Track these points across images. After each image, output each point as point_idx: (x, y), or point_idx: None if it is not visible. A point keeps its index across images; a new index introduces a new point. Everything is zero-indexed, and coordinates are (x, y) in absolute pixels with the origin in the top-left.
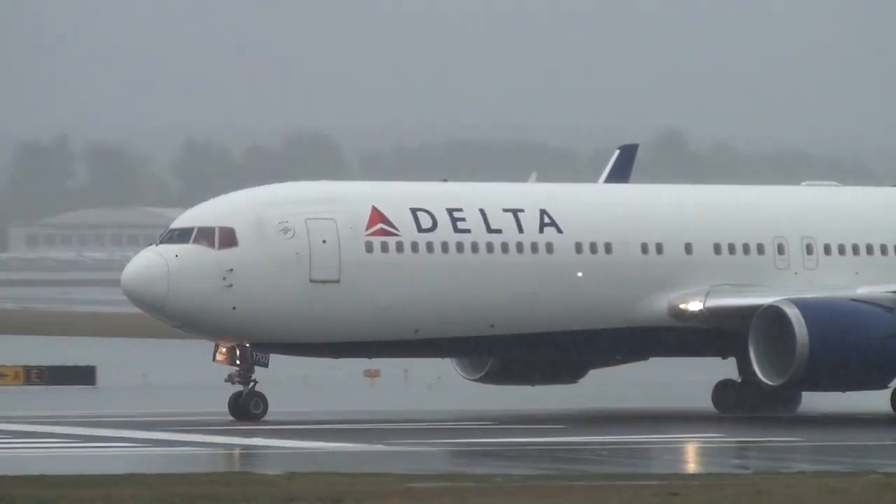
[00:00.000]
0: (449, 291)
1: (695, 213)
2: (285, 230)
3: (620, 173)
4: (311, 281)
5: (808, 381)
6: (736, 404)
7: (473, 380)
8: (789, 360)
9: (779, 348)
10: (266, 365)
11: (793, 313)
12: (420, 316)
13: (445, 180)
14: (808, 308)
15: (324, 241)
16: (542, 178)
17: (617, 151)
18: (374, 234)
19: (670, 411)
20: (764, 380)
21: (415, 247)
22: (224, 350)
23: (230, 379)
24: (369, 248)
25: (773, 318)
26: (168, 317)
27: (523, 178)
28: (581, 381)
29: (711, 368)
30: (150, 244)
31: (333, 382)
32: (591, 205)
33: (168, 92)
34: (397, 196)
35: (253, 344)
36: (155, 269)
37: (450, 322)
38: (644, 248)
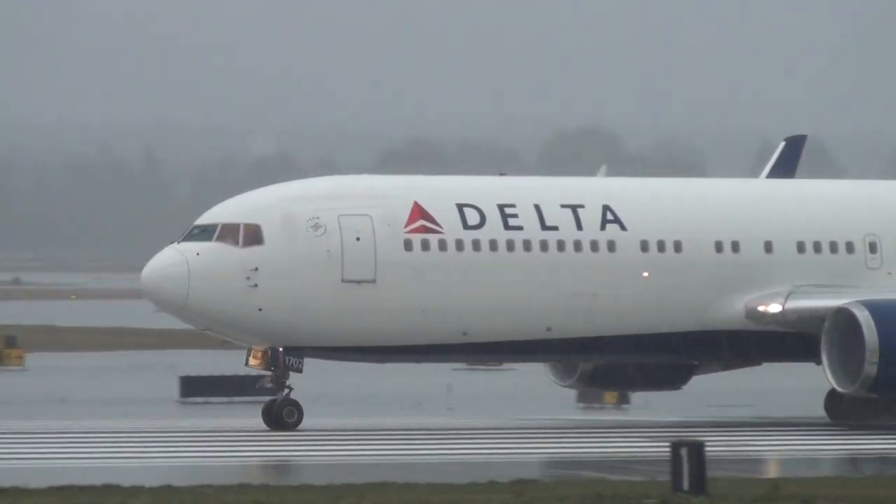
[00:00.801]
0: (499, 292)
1: (776, 208)
2: (316, 227)
3: (785, 167)
4: (343, 281)
5: (880, 388)
6: (848, 413)
7: (565, 385)
8: (860, 365)
9: (852, 354)
10: (300, 370)
11: (862, 316)
12: (468, 318)
13: (503, 174)
14: (880, 310)
15: (357, 239)
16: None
17: (782, 143)
18: (414, 231)
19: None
20: (837, 387)
21: (460, 244)
22: (258, 354)
23: (262, 385)
24: (408, 245)
25: (845, 321)
26: (189, 318)
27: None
28: (684, 387)
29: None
30: (173, 242)
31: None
32: (659, 200)
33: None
34: (442, 191)
35: (285, 348)
36: (174, 267)
37: (501, 325)
38: (718, 247)
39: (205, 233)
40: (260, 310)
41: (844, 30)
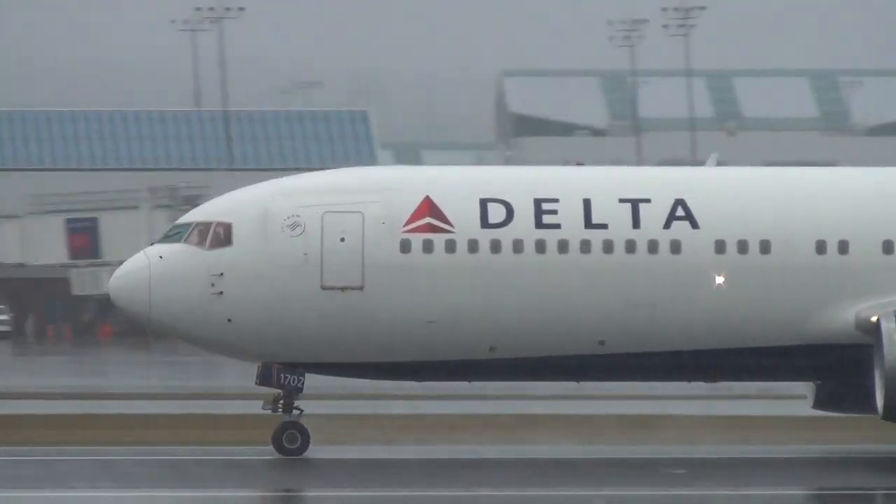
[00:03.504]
0: (523, 302)
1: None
2: (293, 226)
3: None
4: (322, 288)
5: None
6: None
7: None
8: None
9: None
10: (299, 389)
11: (887, 328)
12: (494, 331)
13: (580, 163)
14: None
15: (342, 239)
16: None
17: None
18: (415, 230)
19: None
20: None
21: (473, 245)
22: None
23: (266, 406)
24: (405, 247)
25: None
26: (157, 329)
27: None
28: None
29: None
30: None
31: None
32: (746, 193)
33: None
34: (465, 183)
35: (282, 364)
36: (137, 273)
37: (537, 339)
38: (820, 247)
39: (179, 233)
40: (229, 321)
41: None
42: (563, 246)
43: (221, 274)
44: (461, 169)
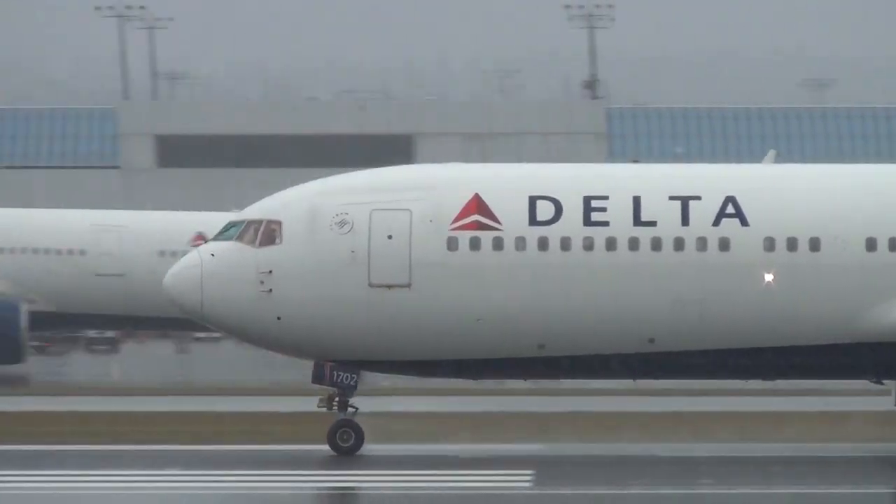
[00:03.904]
0: (570, 300)
1: None
2: (342, 223)
3: None
4: (370, 286)
5: None
6: None
7: None
8: None
9: None
10: (352, 387)
11: None
12: (542, 329)
13: (636, 161)
14: None
15: (389, 237)
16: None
17: None
18: (462, 227)
19: None
20: None
21: (520, 243)
22: None
23: (321, 403)
24: (453, 244)
25: None
26: (211, 325)
27: None
28: None
29: None
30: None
31: None
32: (798, 191)
33: None
34: (515, 180)
35: (336, 362)
36: (189, 270)
37: (587, 336)
38: (870, 244)
39: (232, 230)
40: (278, 318)
41: None
42: (610, 243)
43: (270, 272)
44: (511, 166)
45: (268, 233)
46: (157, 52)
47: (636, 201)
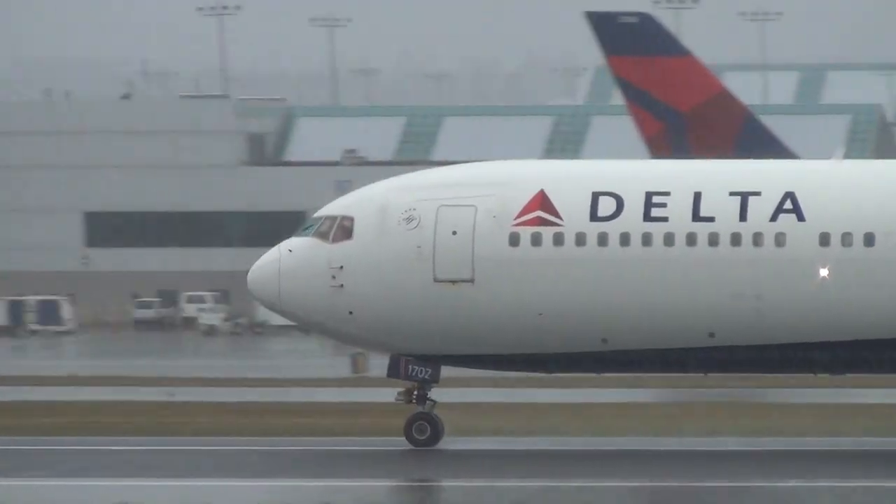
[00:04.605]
0: (630, 294)
1: None
2: (409, 219)
3: None
4: (435, 281)
5: None
6: None
7: None
8: None
9: None
10: (429, 380)
11: None
12: (603, 323)
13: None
14: None
15: (454, 233)
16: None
17: None
18: (525, 223)
19: None
20: None
21: (580, 238)
22: None
23: (399, 396)
24: (514, 240)
25: None
26: (288, 318)
27: None
28: None
29: None
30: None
31: None
32: (854, 187)
33: None
34: (579, 177)
35: (410, 355)
36: (269, 265)
37: (650, 331)
38: None
39: (312, 226)
40: (350, 313)
41: None
42: (668, 239)
43: (341, 267)
44: (576, 163)
45: (341, 229)
46: None
47: (697, 197)
